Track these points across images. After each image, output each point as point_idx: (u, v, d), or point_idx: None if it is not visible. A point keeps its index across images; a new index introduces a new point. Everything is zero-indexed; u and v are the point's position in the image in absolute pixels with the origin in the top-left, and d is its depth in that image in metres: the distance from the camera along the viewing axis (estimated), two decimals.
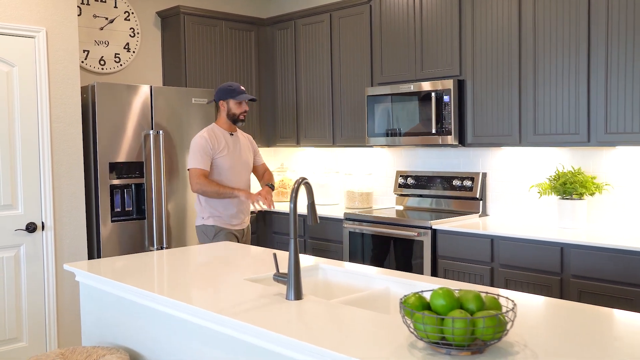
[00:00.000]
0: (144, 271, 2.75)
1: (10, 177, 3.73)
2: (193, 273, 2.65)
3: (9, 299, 3.74)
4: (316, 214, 2.23)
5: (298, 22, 5.19)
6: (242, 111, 3.89)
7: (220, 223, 3.85)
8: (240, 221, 3.94)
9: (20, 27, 3.73)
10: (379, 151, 4.97)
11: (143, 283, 2.45)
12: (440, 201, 4.49)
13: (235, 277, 2.49)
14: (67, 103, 3.94)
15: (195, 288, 2.35)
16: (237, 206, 3.88)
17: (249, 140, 4.09)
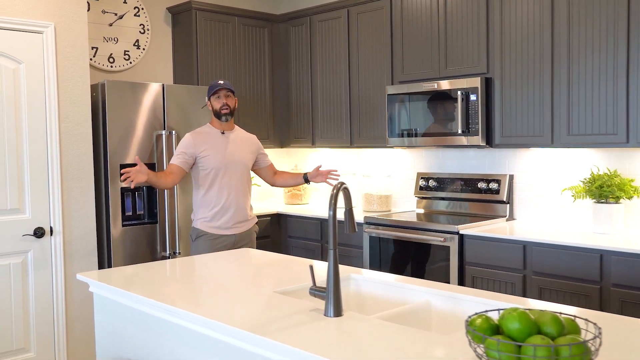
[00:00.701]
0: (163, 282, 2.57)
1: (17, 180, 3.55)
2: (216, 284, 2.47)
3: (16, 307, 3.56)
4: (354, 220, 2.04)
5: (313, 18, 5.00)
6: (220, 105, 3.63)
7: (204, 226, 3.62)
8: (230, 225, 3.63)
9: (28, 22, 3.55)
10: (397, 152, 4.79)
11: (163, 295, 2.27)
12: (464, 204, 4.31)
13: (264, 289, 2.30)
14: (77, 102, 3.76)
15: (221, 301, 2.17)
16: (224, 207, 3.60)
17: (250, 140, 3.81)
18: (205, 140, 3.61)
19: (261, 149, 3.87)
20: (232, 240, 3.64)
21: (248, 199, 3.75)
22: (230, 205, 3.61)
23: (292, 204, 5.35)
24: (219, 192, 3.60)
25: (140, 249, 4.06)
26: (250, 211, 3.78)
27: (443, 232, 3.81)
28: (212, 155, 3.58)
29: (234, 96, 3.68)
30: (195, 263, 2.88)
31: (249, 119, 5.03)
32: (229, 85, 3.65)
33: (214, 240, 3.59)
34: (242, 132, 3.83)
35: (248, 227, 3.74)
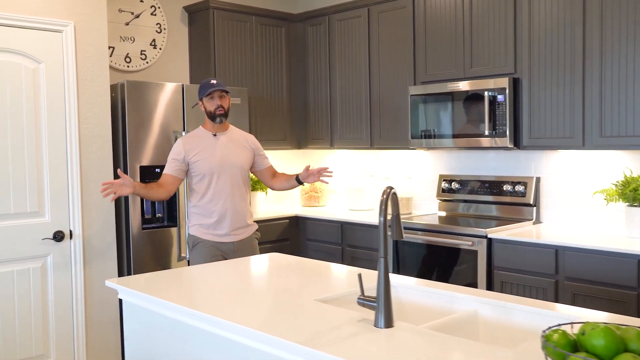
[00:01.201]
0: (195, 288, 2.49)
1: (36, 182, 3.47)
2: (251, 291, 2.38)
3: (36, 312, 3.48)
4: (401, 227, 1.96)
5: (332, 18, 4.92)
6: (215, 107, 3.43)
7: (200, 233, 3.45)
8: (227, 232, 3.44)
9: (47, 20, 3.47)
10: (418, 154, 4.71)
11: (197, 302, 2.19)
12: (489, 207, 4.22)
13: (303, 297, 2.22)
14: (96, 102, 3.68)
15: (262, 311, 2.09)
16: (220, 213, 3.42)
17: (246, 141, 3.60)
18: (196, 145, 3.43)
19: (259, 149, 3.66)
20: (230, 248, 3.45)
21: (246, 203, 3.57)
22: (226, 211, 3.43)
23: (309, 206, 5.27)
24: (214, 198, 3.42)
25: (160, 253, 3.97)
26: (249, 217, 3.59)
27: (471, 235, 3.72)
28: (203, 160, 3.41)
29: (227, 96, 3.50)
30: (224, 269, 2.80)
31: (266, 120, 4.95)
32: (223, 85, 3.46)
33: (211, 248, 3.41)
34: (238, 132, 3.62)
35: (247, 233, 3.54)
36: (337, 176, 5.33)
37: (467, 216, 4.30)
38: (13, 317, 3.39)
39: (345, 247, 4.52)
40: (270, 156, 5.20)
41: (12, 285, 3.39)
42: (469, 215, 4.32)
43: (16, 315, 3.40)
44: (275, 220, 4.74)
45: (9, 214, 3.38)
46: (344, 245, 4.54)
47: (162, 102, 3.98)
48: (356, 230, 4.43)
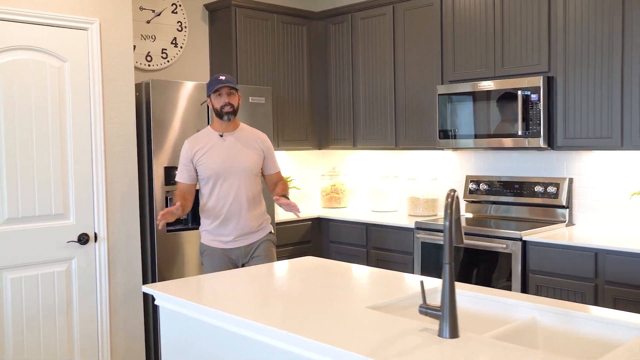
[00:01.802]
0: (235, 293, 2.39)
1: (61, 184, 3.38)
2: (296, 297, 2.29)
3: (60, 317, 3.39)
4: (462, 231, 1.87)
5: (355, 16, 4.83)
6: (222, 104, 3.21)
7: (207, 240, 3.31)
8: (233, 238, 3.25)
9: (72, 18, 3.39)
10: (444, 154, 4.61)
11: (241, 309, 2.09)
12: (519, 209, 4.13)
13: (353, 304, 2.13)
14: (121, 102, 3.59)
15: (312, 318, 2.00)
16: (223, 218, 3.23)
17: (257, 141, 3.36)
18: (201, 145, 3.26)
19: (270, 150, 3.40)
20: (239, 254, 3.28)
21: (257, 208, 3.33)
22: (231, 216, 3.24)
23: (330, 207, 5.18)
24: (218, 202, 3.24)
25: (185, 255, 3.89)
26: (261, 221, 3.35)
27: (505, 238, 3.63)
28: (207, 162, 3.23)
29: (237, 93, 3.28)
30: (263, 273, 2.71)
31: (287, 120, 4.87)
32: (232, 81, 3.24)
33: (219, 256, 3.26)
34: (248, 132, 3.38)
35: (255, 239, 3.32)
36: (359, 177, 5.25)
37: (496, 218, 4.21)
38: (38, 322, 3.31)
39: (371, 250, 4.43)
40: (291, 157, 5.17)
41: (37, 289, 3.31)
42: (497, 217, 4.23)
43: (41, 319, 3.32)
44: (296, 222, 4.65)
45: (34, 216, 3.29)
46: (369, 247, 4.45)
47: (186, 101, 3.89)
48: (382, 232, 4.34)
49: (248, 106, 4.20)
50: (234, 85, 3.25)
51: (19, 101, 3.23)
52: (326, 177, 5.27)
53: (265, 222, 3.40)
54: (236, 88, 3.28)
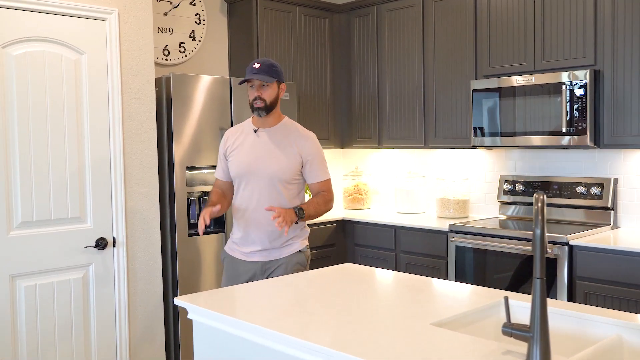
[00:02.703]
0: (280, 307, 2.16)
1: (78, 185, 3.16)
2: (346, 311, 2.07)
3: (77, 327, 3.17)
4: (546, 240, 1.64)
5: (381, 8, 4.60)
6: (252, 98, 2.81)
7: (228, 247, 2.97)
8: (252, 250, 2.84)
9: (90, 7, 3.17)
10: (476, 153, 4.39)
11: (287, 325, 1.86)
12: (559, 211, 3.90)
13: (416, 320, 1.90)
14: (141, 98, 3.37)
15: (373, 338, 1.77)
16: (244, 226, 2.84)
17: (297, 143, 2.84)
18: (235, 138, 2.90)
19: (311, 156, 2.86)
20: (255, 270, 2.86)
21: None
22: (250, 225, 2.84)
23: (353, 209, 4.96)
24: (240, 206, 2.88)
25: (207, 261, 3.66)
26: (287, 237, 2.85)
27: (550, 242, 3.40)
28: (235, 159, 2.87)
29: (276, 84, 2.82)
30: (300, 283, 2.48)
31: (310, 117, 4.63)
32: (268, 70, 2.76)
33: (237, 267, 2.89)
34: (291, 130, 2.89)
35: (277, 256, 2.86)
36: (383, 177, 5.03)
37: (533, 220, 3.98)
38: (53, 332, 3.09)
39: (400, 253, 4.21)
40: None
41: (52, 297, 3.09)
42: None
43: (56, 330, 3.10)
44: (320, 224, 4.43)
45: (49, 220, 3.07)
46: (398, 251, 4.22)
47: (208, 97, 3.67)
48: (412, 235, 4.12)
49: None
50: (268, 76, 2.76)
51: (33, 97, 3.01)
52: (348, 177, 5.05)
53: (295, 238, 2.89)
54: (275, 79, 2.79)
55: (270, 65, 2.78)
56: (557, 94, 3.55)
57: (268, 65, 2.77)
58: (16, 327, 2.98)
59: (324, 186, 2.91)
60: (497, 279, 3.66)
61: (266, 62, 2.78)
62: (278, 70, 2.81)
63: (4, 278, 2.93)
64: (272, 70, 2.78)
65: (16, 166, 2.96)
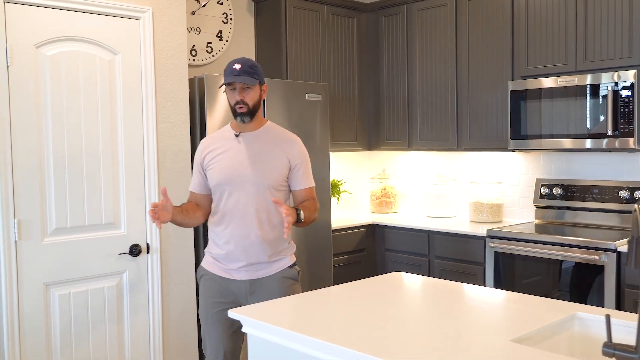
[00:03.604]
0: (343, 320, 2.05)
1: (112, 190, 3.06)
2: (420, 326, 1.96)
3: (111, 336, 3.07)
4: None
5: (411, 7, 4.50)
6: (234, 102, 2.53)
7: (207, 263, 2.65)
8: (239, 266, 2.55)
9: (124, 5, 3.06)
10: (510, 156, 4.28)
11: (357, 341, 1.76)
12: (599, 216, 3.79)
13: (494, 336, 1.80)
14: (174, 99, 3.27)
15: (451, 356, 1.67)
16: (228, 241, 2.55)
17: (284, 146, 2.60)
18: (215, 147, 2.61)
19: (299, 159, 2.61)
20: (242, 289, 2.56)
21: (272, 231, 2.56)
22: (236, 239, 2.54)
23: (380, 213, 4.85)
24: (223, 219, 2.57)
25: None
26: (276, 250, 2.58)
27: (596, 248, 3.30)
28: (215, 168, 2.58)
29: (258, 86, 2.54)
30: (354, 293, 2.38)
31: (337, 119, 4.53)
32: (250, 71, 2.49)
33: (217, 285, 2.59)
34: (275, 133, 2.64)
35: (267, 272, 2.57)
36: (411, 180, 4.92)
37: (572, 225, 3.88)
38: (87, 341, 2.99)
39: (434, 259, 4.10)
40: (339, 159, 4.83)
41: (87, 306, 2.99)
42: (573, 224, 3.89)
43: (90, 339, 3.00)
44: (349, 229, 4.32)
45: (83, 226, 2.97)
46: (432, 256, 4.11)
47: None
48: (447, 240, 4.01)
49: (304, 104, 3.88)
50: (251, 77, 2.49)
51: (67, 100, 2.91)
52: (375, 180, 4.94)
53: (285, 251, 2.63)
54: (257, 81, 2.52)
55: (251, 66, 2.52)
56: (601, 96, 3.44)
57: (249, 65, 2.52)
58: (50, 336, 2.88)
59: (309, 194, 2.65)
60: (538, 286, 3.55)
61: (247, 63, 2.52)
62: (259, 71, 2.57)
63: (38, 287, 2.83)
64: (254, 71, 2.53)
65: (50, 171, 2.86)
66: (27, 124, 2.79)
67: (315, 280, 3.95)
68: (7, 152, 2.72)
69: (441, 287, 2.44)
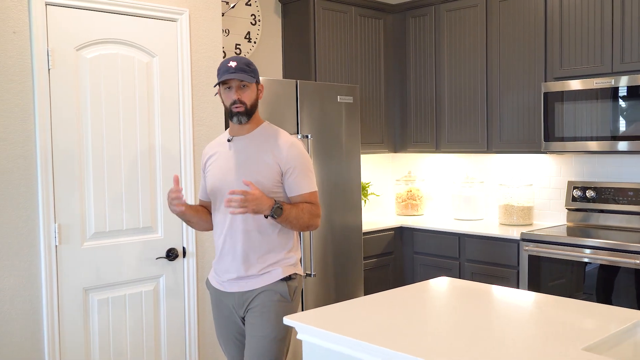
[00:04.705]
0: (400, 326, 2.02)
1: (149, 193, 3.03)
2: (482, 333, 1.92)
3: (148, 341, 3.03)
4: None
5: (440, 8, 4.46)
6: (230, 102, 2.37)
7: (210, 275, 2.56)
8: (229, 279, 2.41)
9: (161, 7, 3.03)
10: (540, 158, 4.24)
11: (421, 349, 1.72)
12: (634, 219, 3.74)
13: (566, 344, 1.76)
14: (210, 102, 3.24)
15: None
16: (223, 250, 2.43)
17: (275, 149, 2.39)
18: (213, 152, 2.52)
19: (292, 162, 2.38)
20: (233, 302, 2.42)
21: (260, 244, 2.38)
22: (223, 247, 2.43)
23: (406, 215, 4.82)
24: (216, 228, 2.49)
25: None
26: (266, 263, 2.38)
27: (634, 252, 3.25)
28: (208, 175, 2.50)
29: (255, 86, 2.40)
30: (407, 299, 2.34)
31: (364, 121, 4.49)
32: (245, 68, 2.35)
33: (214, 296, 2.51)
34: (269, 135, 2.44)
35: (254, 286, 2.38)
36: (437, 182, 4.88)
37: (605, 228, 3.83)
38: (125, 347, 2.96)
39: (464, 262, 4.06)
40: (364, 161, 4.79)
41: (124, 311, 2.96)
42: (606, 227, 3.84)
43: (128, 344, 2.96)
44: (377, 232, 4.29)
45: (121, 230, 2.94)
46: (463, 259, 4.08)
47: (274, 101, 3.53)
48: (479, 243, 3.97)
49: (336, 106, 3.84)
50: (248, 75, 2.34)
51: (106, 104, 2.88)
52: (401, 182, 4.91)
53: (277, 264, 2.40)
54: (254, 79, 2.37)
55: (247, 64, 2.38)
56: (638, 98, 3.40)
57: (245, 63, 2.37)
58: (89, 342, 2.85)
59: (308, 200, 2.41)
60: (573, 290, 3.51)
61: (242, 60, 2.37)
62: (256, 70, 2.42)
63: (77, 292, 2.80)
64: (251, 69, 2.38)
65: (89, 175, 2.83)
66: (67, 127, 2.76)
67: (345, 284, 3.92)
68: (49, 156, 2.70)
69: (492, 292, 2.40)
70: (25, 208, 2.64)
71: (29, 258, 2.66)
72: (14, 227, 2.62)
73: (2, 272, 2.59)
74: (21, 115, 2.63)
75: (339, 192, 3.86)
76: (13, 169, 2.61)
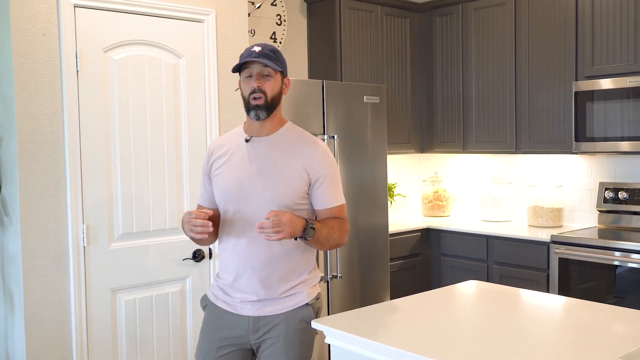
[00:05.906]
0: (429, 331, 1.98)
1: (176, 195, 3.03)
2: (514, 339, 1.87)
3: (175, 342, 3.04)
4: None
5: (468, 6, 4.40)
6: (250, 91, 2.05)
7: (212, 294, 2.22)
8: (242, 299, 2.11)
9: (188, 8, 3.03)
10: (570, 159, 4.16)
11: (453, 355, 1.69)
12: None
13: (602, 352, 1.71)
14: (236, 103, 3.23)
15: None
16: (235, 267, 2.11)
17: (303, 155, 2.10)
18: (224, 151, 2.18)
19: (322, 172, 2.10)
20: (244, 326, 2.10)
21: (284, 261, 2.09)
22: (239, 265, 2.10)
23: (433, 216, 4.76)
24: (229, 240, 2.15)
25: None
26: (290, 284, 2.11)
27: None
28: (221, 179, 2.15)
29: (279, 76, 2.09)
30: (438, 304, 2.30)
31: (390, 121, 4.44)
32: (271, 55, 2.05)
33: (218, 318, 2.16)
34: (295, 137, 2.16)
35: (276, 310, 2.09)
36: (464, 182, 4.82)
37: (639, 231, 3.75)
38: (152, 348, 2.96)
39: (493, 265, 4.00)
40: (390, 162, 4.73)
41: (151, 311, 2.96)
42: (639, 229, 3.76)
43: (155, 346, 2.97)
44: (404, 233, 4.25)
45: (149, 231, 2.95)
46: (491, 262, 4.02)
47: (299, 102, 3.52)
48: (508, 245, 3.91)
49: (362, 106, 3.81)
50: (273, 62, 2.04)
51: (133, 105, 2.89)
52: (427, 183, 4.86)
53: (302, 284, 2.14)
54: (279, 69, 2.07)
55: (273, 50, 2.07)
56: None
57: (271, 49, 2.07)
58: (116, 342, 2.86)
59: (337, 214, 2.14)
60: (605, 293, 3.43)
61: (268, 47, 2.07)
62: (282, 59, 2.11)
63: (105, 292, 2.81)
64: (276, 57, 2.07)
65: (117, 176, 2.84)
66: (95, 128, 2.77)
67: (372, 286, 3.88)
68: (77, 157, 2.71)
69: (523, 297, 2.35)
70: (54, 209, 2.66)
71: (57, 259, 2.68)
72: (43, 228, 2.64)
73: (31, 273, 2.61)
74: (50, 117, 2.65)
75: (365, 193, 3.83)
76: (42, 170, 2.63)
